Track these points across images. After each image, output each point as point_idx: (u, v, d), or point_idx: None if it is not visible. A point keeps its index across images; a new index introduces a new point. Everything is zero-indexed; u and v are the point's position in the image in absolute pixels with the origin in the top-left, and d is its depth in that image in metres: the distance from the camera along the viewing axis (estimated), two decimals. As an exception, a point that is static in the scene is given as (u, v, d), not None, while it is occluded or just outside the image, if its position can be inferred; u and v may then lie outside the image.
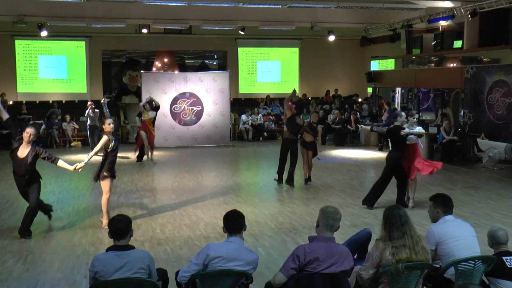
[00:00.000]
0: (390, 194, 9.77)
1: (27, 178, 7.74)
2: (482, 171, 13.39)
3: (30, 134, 7.58)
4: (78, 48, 22.16)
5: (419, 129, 9.56)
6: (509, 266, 4.86)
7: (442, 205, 5.37)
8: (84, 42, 22.07)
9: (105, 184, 8.20)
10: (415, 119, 9.93)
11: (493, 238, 5.20)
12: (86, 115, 16.73)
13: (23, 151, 7.66)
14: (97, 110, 16.78)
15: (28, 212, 7.79)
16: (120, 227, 4.58)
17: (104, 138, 8.09)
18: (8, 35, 20.80)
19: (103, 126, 8.39)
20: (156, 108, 14.95)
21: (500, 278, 4.86)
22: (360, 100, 22.83)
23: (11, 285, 6.01)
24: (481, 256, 4.95)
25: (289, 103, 11.56)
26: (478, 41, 16.60)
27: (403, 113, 9.71)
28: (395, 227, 4.54)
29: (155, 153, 15.34)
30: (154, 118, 14.80)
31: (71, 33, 21.23)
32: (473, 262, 4.83)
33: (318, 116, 11.84)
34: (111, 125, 8.26)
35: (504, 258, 4.91)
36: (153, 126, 14.74)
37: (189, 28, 21.57)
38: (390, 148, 10.28)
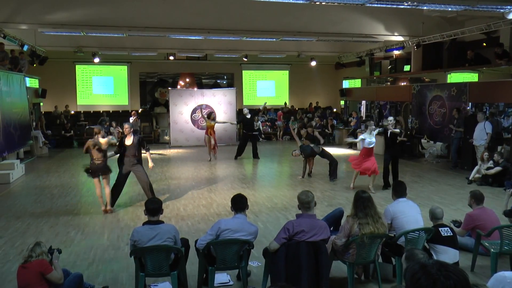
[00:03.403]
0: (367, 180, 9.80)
1: (136, 157, 8.02)
2: (424, 164, 13.40)
3: (127, 128, 7.94)
4: (121, 71, 22.09)
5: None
6: (443, 235, 4.91)
7: (396, 190, 5.41)
8: (126, 66, 22.01)
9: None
10: (373, 127, 9.69)
11: (432, 214, 5.25)
12: (130, 121, 16.67)
13: (129, 140, 7.93)
14: (139, 119, 16.76)
15: (149, 187, 8.20)
16: (154, 207, 4.60)
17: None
18: (70, 61, 20.79)
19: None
20: (214, 119, 13.98)
21: (437, 243, 4.92)
22: (335, 110, 22.84)
23: (73, 250, 6.05)
24: (424, 228, 4.99)
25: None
26: (421, 66, 16.63)
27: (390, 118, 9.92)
28: (360, 209, 4.57)
29: (180, 150, 15.35)
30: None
31: (117, 59, 21.24)
32: (418, 232, 4.87)
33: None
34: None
35: (440, 229, 4.97)
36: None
37: (205, 55, 21.53)
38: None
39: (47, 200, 8.92)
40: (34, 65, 16.74)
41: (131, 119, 16.59)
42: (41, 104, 19.17)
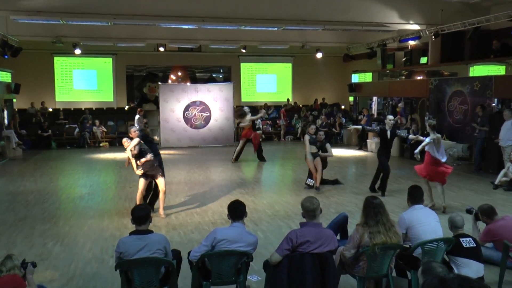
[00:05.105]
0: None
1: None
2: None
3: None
4: (106, 64, 22.14)
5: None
6: (465, 246, 4.90)
7: (411, 196, 5.39)
8: (111, 59, 22.07)
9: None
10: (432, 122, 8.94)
11: (452, 223, 5.23)
12: (136, 120, 16.47)
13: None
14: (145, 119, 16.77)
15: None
16: (141, 215, 4.56)
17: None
18: (48, 52, 20.82)
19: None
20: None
21: (458, 256, 4.89)
22: (343, 107, 22.87)
23: (50, 263, 6.01)
24: (443, 238, 4.95)
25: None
26: (440, 58, 16.63)
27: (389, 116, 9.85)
28: (370, 216, 4.54)
29: (171, 152, 15.27)
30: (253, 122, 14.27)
31: (100, 51, 21.29)
32: (436, 243, 4.84)
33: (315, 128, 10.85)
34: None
35: (461, 239, 4.95)
36: (254, 129, 14.17)
37: (199, 47, 21.56)
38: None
39: (21, 208, 8.89)
40: (6, 57, 16.69)
41: (137, 117, 16.56)
42: (14, 100, 19.15)
